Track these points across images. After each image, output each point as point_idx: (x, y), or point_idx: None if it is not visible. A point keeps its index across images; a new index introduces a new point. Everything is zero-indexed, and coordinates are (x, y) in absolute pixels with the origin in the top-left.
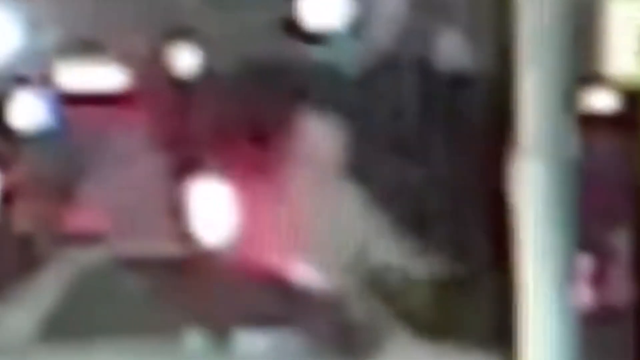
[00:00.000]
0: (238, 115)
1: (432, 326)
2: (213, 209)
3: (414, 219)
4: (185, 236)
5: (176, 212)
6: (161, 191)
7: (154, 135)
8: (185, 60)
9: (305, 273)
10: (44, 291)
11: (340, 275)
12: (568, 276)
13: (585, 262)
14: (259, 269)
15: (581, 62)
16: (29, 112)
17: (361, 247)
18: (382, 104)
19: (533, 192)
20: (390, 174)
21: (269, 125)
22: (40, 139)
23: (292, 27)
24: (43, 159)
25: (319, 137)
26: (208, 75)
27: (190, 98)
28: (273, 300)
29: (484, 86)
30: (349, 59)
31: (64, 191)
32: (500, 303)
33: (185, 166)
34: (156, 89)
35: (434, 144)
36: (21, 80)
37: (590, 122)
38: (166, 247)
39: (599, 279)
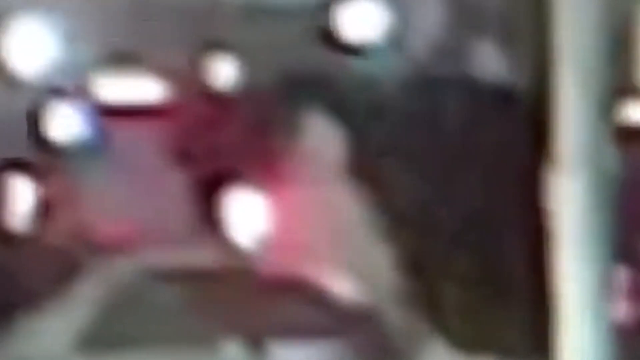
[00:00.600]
0: (274, 127)
1: (468, 337)
2: (248, 220)
3: (450, 231)
4: (220, 247)
5: (211, 223)
6: (196, 202)
7: (190, 146)
8: (222, 72)
9: (340, 284)
10: (80, 302)
11: (375, 286)
12: (605, 288)
13: (622, 274)
14: (294, 279)
15: (618, 74)
16: (65, 123)
17: (395, 257)
18: (420, 116)
19: (571, 204)
20: (427, 184)
21: (305, 137)
22: (76, 150)
23: (329, 38)
24: (79, 171)
25: (355, 149)
26: (245, 87)
27: (227, 110)
28: (309, 312)
29: (521, 98)
30: (387, 71)
31: (100, 202)
32: (537, 314)
33: (221, 177)
34: (193, 101)
35: (471, 156)
36: (58, 92)
37: (627, 134)
38: (201, 258)
39: (635, 291)
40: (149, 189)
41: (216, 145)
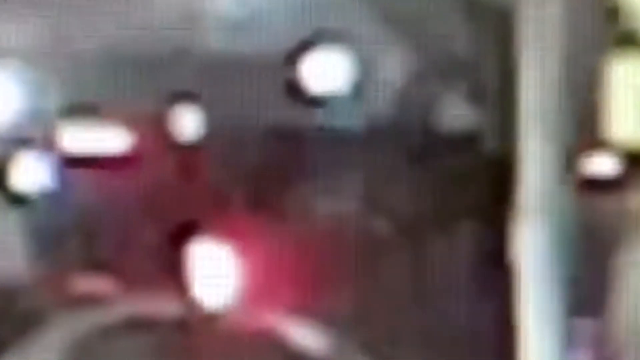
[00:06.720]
0: (239, 178)
1: None
2: (213, 271)
3: (412, 287)
4: (187, 298)
5: (177, 274)
6: (163, 253)
7: (156, 197)
8: (187, 123)
9: (305, 334)
10: (47, 353)
11: (339, 337)
12: (569, 338)
13: (586, 324)
14: (259, 330)
15: (583, 124)
16: (31, 174)
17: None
18: (383, 167)
19: (533, 253)
20: (390, 236)
21: (270, 187)
22: (42, 201)
23: (294, 91)
24: (45, 221)
25: (319, 200)
26: (209, 138)
27: (192, 161)
28: None
29: (486, 148)
30: (350, 123)
31: (66, 253)
32: None
33: (186, 228)
34: (158, 152)
35: (433, 205)
36: (24, 142)
37: (592, 185)
38: (170, 309)
39: (598, 341)
40: (117, 239)
41: (181, 195)
